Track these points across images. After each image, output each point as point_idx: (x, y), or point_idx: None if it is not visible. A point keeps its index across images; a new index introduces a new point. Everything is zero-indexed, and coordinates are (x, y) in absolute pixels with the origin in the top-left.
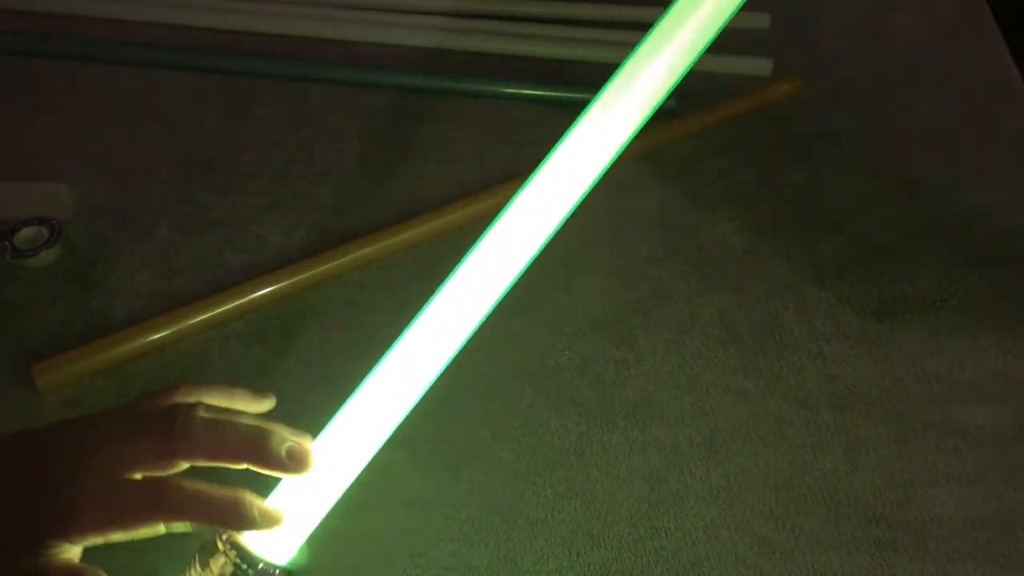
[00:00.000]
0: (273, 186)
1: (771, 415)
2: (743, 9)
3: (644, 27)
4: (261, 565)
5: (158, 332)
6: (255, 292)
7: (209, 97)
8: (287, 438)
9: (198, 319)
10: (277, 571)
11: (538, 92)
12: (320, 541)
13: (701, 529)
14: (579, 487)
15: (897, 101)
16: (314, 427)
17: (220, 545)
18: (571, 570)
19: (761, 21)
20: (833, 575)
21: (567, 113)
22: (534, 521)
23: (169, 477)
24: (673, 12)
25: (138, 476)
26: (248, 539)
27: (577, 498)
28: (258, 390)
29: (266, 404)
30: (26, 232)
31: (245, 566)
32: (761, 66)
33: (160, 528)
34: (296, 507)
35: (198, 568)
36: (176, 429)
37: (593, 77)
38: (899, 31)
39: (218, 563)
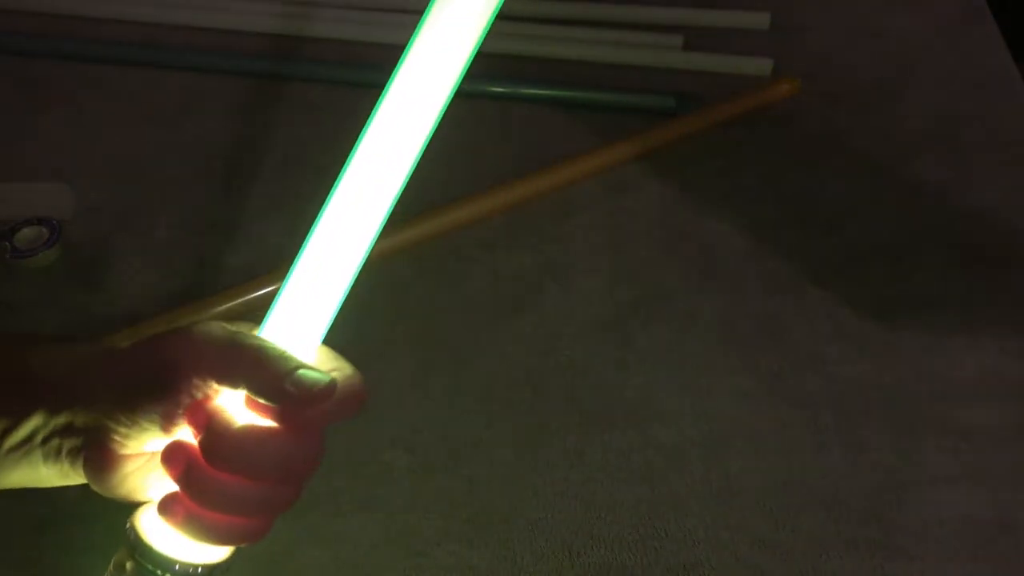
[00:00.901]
0: (273, 186)
1: (771, 415)
2: (743, 9)
3: (643, 27)
4: (177, 566)
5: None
6: (255, 292)
7: (209, 97)
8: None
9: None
10: (199, 570)
11: (538, 92)
12: (320, 541)
13: (701, 529)
14: (579, 487)
15: (897, 101)
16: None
17: (127, 546)
18: (571, 570)
19: (761, 21)
20: (833, 575)
21: (568, 113)
22: (534, 521)
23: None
24: None
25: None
26: (158, 539)
27: (577, 498)
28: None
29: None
30: (26, 232)
31: (156, 570)
32: (761, 66)
33: None
34: None
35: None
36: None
37: (593, 77)
38: (899, 31)
39: (129, 567)
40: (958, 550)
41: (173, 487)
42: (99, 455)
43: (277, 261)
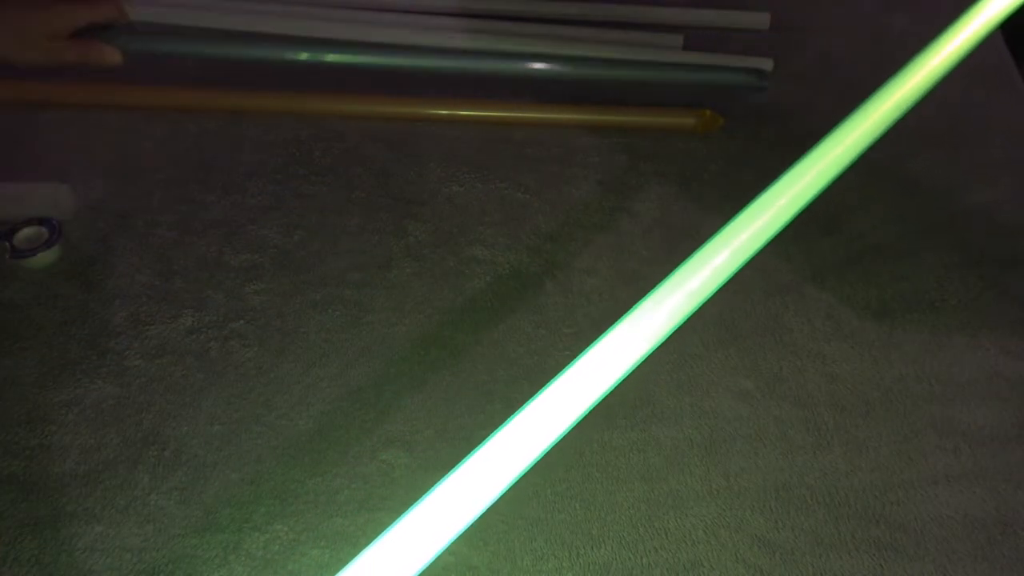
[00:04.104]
0: (273, 186)
1: (771, 415)
2: (743, 9)
3: (641, 27)
4: None
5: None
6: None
7: None
8: None
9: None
10: None
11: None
12: (319, 541)
13: (701, 529)
14: (579, 487)
15: None
16: (313, 429)
17: None
18: (571, 570)
19: (761, 21)
20: (833, 575)
21: (570, 131)
22: (534, 521)
23: None
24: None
25: None
26: None
27: (577, 498)
28: None
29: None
30: (26, 232)
31: None
32: (761, 66)
33: None
34: None
35: None
36: None
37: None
38: (899, 31)
39: None
40: (958, 550)
41: None
42: None
43: (277, 260)
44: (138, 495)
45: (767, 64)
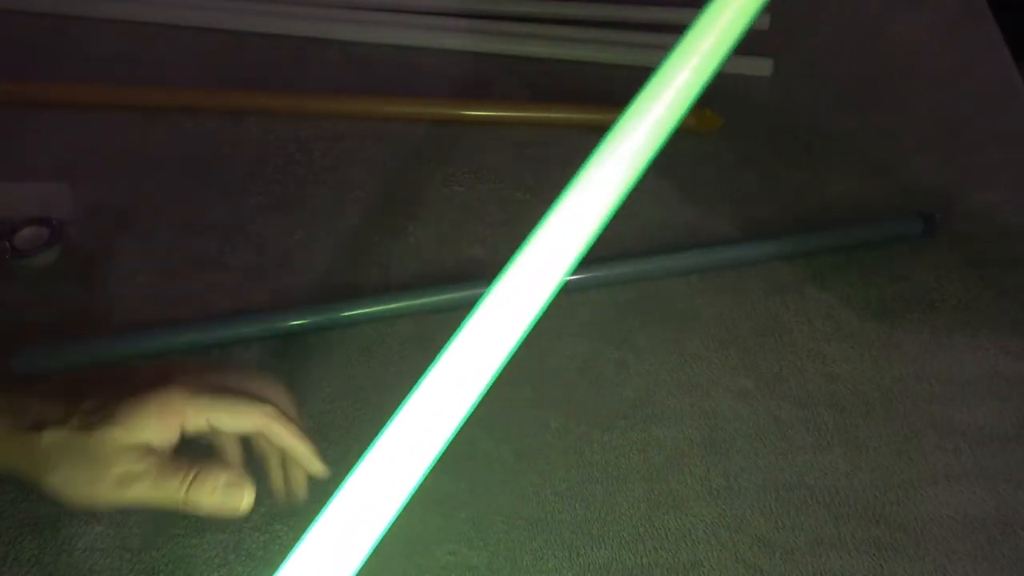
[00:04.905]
0: (273, 186)
1: (771, 415)
2: None
3: (641, 27)
4: None
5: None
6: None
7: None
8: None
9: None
10: None
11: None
12: None
13: (701, 529)
14: (579, 487)
15: (897, 101)
16: (313, 429)
17: None
18: (570, 570)
19: (761, 21)
20: (833, 575)
21: (570, 132)
22: (534, 521)
23: None
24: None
25: None
26: None
27: (577, 498)
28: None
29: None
30: (26, 232)
31: None
32: (761, 66)
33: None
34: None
35: None
36: None
37: (593, 77)
38: (899, 31)
39: None
40: (958, 550)
41: None
42: None
43: (277, 261)
44: None
45: (767, 64)
